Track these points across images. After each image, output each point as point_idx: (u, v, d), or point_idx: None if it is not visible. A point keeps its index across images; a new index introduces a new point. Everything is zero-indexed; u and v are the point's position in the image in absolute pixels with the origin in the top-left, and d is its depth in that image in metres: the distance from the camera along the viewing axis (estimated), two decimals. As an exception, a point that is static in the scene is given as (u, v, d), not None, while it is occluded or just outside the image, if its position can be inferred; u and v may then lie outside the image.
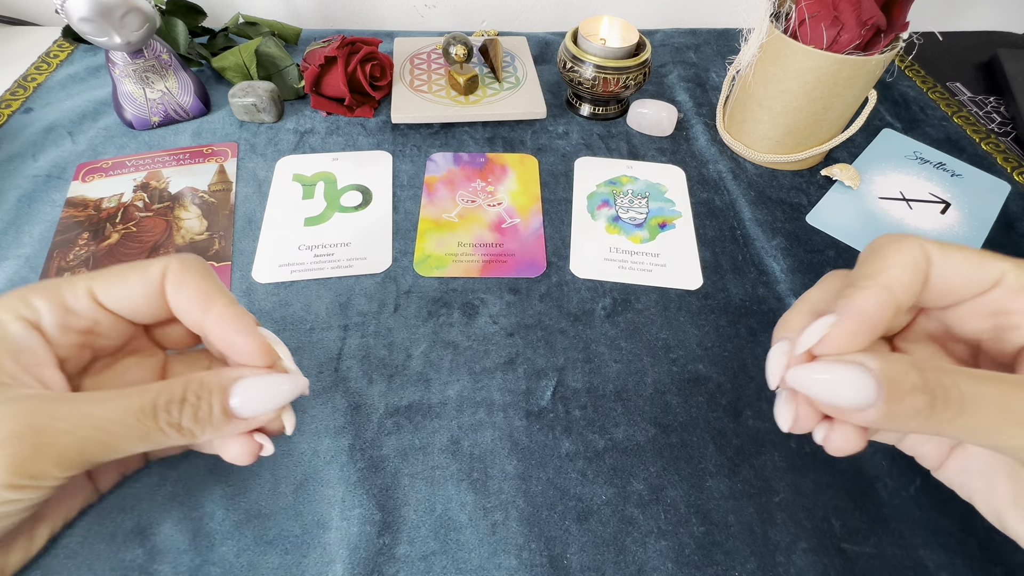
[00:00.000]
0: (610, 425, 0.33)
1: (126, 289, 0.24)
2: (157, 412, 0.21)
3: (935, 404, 0.19)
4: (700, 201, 0.46)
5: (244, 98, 0.48)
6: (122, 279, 0.24)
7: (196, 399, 0.22)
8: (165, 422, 0.21)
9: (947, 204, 0.47)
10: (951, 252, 0.22)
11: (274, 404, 0.23)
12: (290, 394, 0.24)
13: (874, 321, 0.21)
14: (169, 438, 0.22)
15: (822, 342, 0.21)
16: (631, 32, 0.49)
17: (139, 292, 0.24)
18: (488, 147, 0.50)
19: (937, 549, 0.29)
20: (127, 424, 0.21)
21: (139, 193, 0.43)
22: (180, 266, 0.24)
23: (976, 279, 0.22)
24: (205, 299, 0.24)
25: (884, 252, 0.22)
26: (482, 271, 0.40)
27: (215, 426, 0.22)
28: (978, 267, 0.22)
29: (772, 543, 0.29)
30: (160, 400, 0.21)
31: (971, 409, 0.19)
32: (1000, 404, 0.19)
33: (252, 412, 0.23)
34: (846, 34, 0.40)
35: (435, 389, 0.34)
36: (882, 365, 0.19)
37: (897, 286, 0.21)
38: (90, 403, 0.21)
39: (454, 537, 0.29)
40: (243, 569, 0.27)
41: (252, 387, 0.23)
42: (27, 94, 0.50)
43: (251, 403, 0.23)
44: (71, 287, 0.24)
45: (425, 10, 0.67)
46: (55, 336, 0.23)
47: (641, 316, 0.38)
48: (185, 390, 0.22)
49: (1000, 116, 0.57)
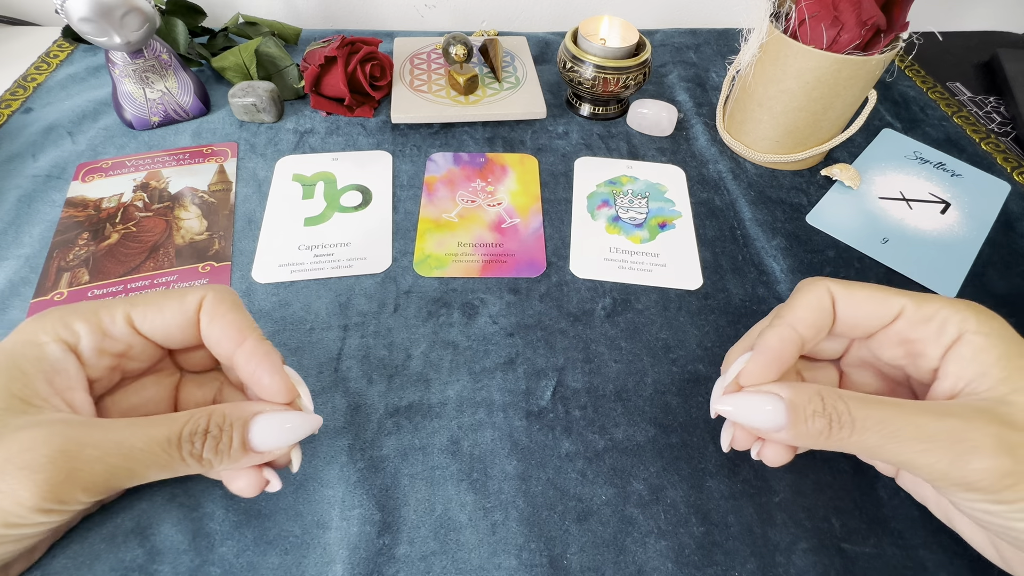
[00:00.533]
0: (610, 425, 0.33)
1: (163, 317, 0.25)
2: (181, 443, 0.22)
3: (832, 426, 0.22)
4: (700, 201, 0.46)
5: (244, 98, 0.48)
6: (159, 307, 0.25)
7: (218, 431, 0.23)
8: (188, 453, 0.22)
9: (947, 204, 0.47)
10: (855, 291, 0.25)
11: (289, 440, 0.24)
12: (305, 432, 0.25)
13: (779, 355, 0.25)
14: (189, 468, 0.23)
15: (741, 375, 0.25)
16: (631, 32, 0.49)
17: (175, 321, 0.25)
18: (488, 147, 0.50)
19: (937, 549, 0.29)
20: (153, 453, 0.22)
21: (139, 193, 0.43)
22: (216, 299, 0.25)
23: (878, 314, 0.25)
24: (238, 334, 0.25)
25: (796, 295, 0.26)
26: (482, 271, 0.40)
27: (233, 459, 0.23)
28: (879, 303, 0.25)
29: (772, 543, 0.29)
30: (185, 431, 0.22)
31: (860, 430, 0.22)
32: (882, 426, 0.22)
33: (269, 447, 0.24)
34: (846, 34, 0.40)
35: (435, 389, 0.34)
36: (790, 394, 0.23)
37: (800, 325, 0.25)
38: (119, 431, 0.22)
39: (454, 537, 0.29)
40: (243, 569, 0.27)
41: (271, 423, 0.24)
42: (27, 94, 0.50)
43: (268, 438, 0.24)
44: (110, 312, 0.25)
45: (425, 10, 0.67)
46: (90, 359, 0.24)
47: (641, 316, 0.38)
48: (208, 422, 0.23)
49: (1000, 116, 0.57)
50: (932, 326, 0.24)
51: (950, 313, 0.24)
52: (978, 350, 0.23)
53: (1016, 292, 0.41)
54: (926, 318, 0.25)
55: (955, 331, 0.24)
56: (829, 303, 0.26)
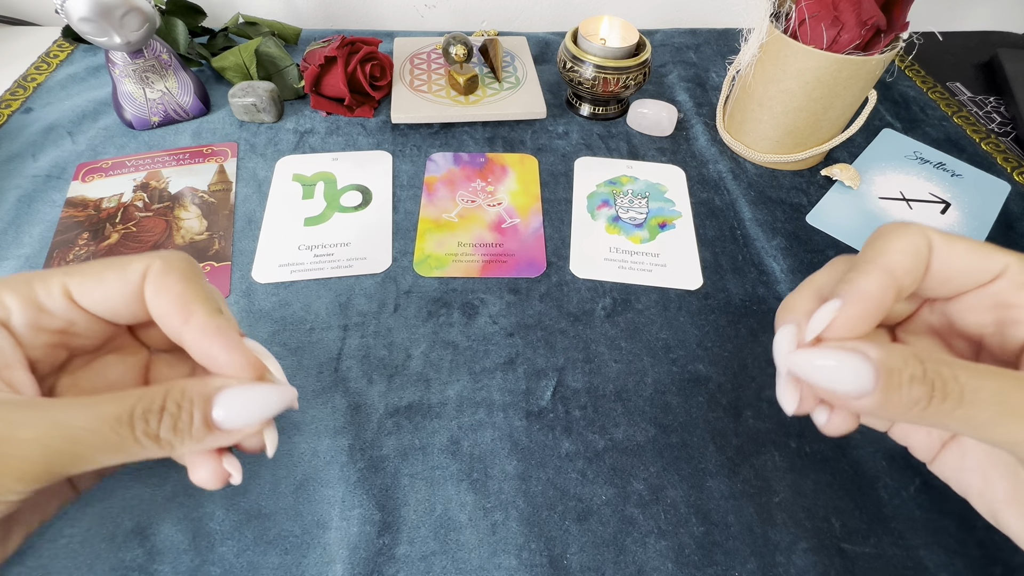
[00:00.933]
0: (610, 425, 0.33)
1: (104, 289, 0.22)
2: (134, 421, 0.19)
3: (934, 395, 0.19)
4: (700, 201, 0.46)
5: (244, 98, 0.48)
6: (100, 277, 0.22)
7: (176, 408, 0.20)
8: (142, 432, 0.20)
9: (947, 204, 0.47)
10: (955, 241, 0.22)
11: (260, 417, 0.22)
12: (277, 406, 0.22)
13: (877, 303, 0.21)
14: (146, 450, 0.20)
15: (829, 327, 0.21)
16: (631, 32, 0.49)
17: (117, 293, 0.22)
18: (488, 147, 0.50)
19: (937, 549, 0.29)
20: (100, 433, 0.19)
21: (139, 193, 0.43)
22: (162, 268, 0.22)
23: (978, 270, 0.22)
24: (184, 308, 0.22)
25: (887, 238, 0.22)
26: (482, 271, 0.40)
27: (195, 438, 0.21)
28: (982, 258, 0.22)
29: (772, 543, 0.29)
30: (138, 409, 0.20)
31: (970, 402, 0.19)
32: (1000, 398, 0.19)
33: (236, 424, 0.21)
34: (846, 34, 0.40)
35: (435, 389, 0.34)
36: (881, 354, 0.19)
37: (899, 269, 0.21)
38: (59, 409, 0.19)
39: (454, 537, 0.29)
40: (243, 569, 0.27)
41: (237, 398, 0.21)
42: (27, 94, 0.50)
43: (235, 415, 0.21)
44: (44, 283, 0.21)
45: (425, 10, 0.67)
46: (26, 336, 0.21)
47: (641, 316, 0.38)
48: (165, 398, 0.20)
49: (1000, 116, 0.57)
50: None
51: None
52: None
53: (1016, 292, 0.41)
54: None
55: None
56: (927, 251, 0.22)
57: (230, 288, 0.38)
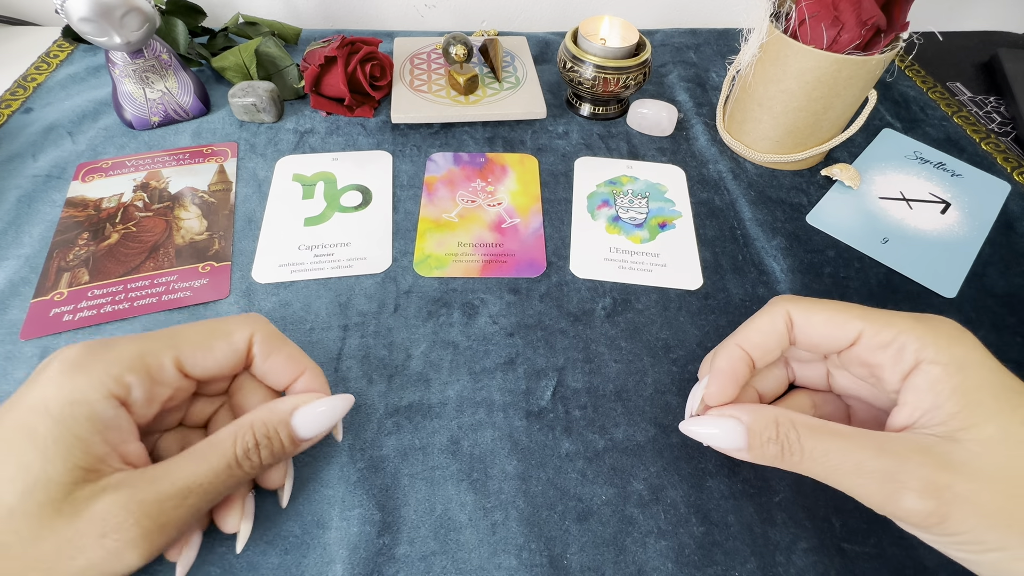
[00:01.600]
0: (610, 425, 0.33)
1: (213, 358, 0.26)
2: (241, 462, 0.24)
3: (783, 453, 0.24)
4: (700, 201, 0.46)
5: (244, 98, 0.48)
6: (208, 347, 0.26)
7: (267, 440, 0.25)
8: (250, 467, 0.24)
9: (947, 204, 0.47)
10: (814, 314, 0.26)
11: (331, 422, 0.27)
12: (342, 411, 0.27)
13: (731, 377, 0.27)
14: (250, 476, 0.25)
15: (705, 396, 0.27)
16: (631, 32, 0.49)
17: (225, 361, 0.26)
18: (488, 147, 0.50)
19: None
20: (220, 480, 0.23)
21: (139, 193, 0.43)
22: (266, 335, 0.27)
23: (835, 337, 0.26)
24: (297, 367, 0.27)
25: (756, 316, 0.28)
26: (482, 271, 0.40)
27: (288, 453, 0.26)
28: (836, 327, 0.26)
29: (772, 543, 0.29)
30: (239, 452, 0.24)
31: (808, 459, 0.24)
32: (827, 457, 0.23)
33: (314, 433, 0.26)
34: (846, 34, 0.40)
35: (435, 389, 0.34)
36: (750, 419, 0.25)
37: (748, 345, 0.27)
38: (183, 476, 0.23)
39: (454, 537, 0.29)
40: (243, 569, 0.27)
41: (309, 414, 0.26)
42: (27, 94, 0.50)
43: (313, 426, 0.26)
44: (157, 358, 0.24)
45: (425, 10, 0.67)
46: (140, 409, 0.24)
47: (641, 316, 0.38)
48: (255, 435, 0.24)
49: (1000, 116, 0.57)
50: (890, 352, 0.24)
51: (909, 339, 0.24)
52: (934, 381, 0.23)
53: (1016, 292, 0.41)
54: (884, 344, 0.24)
55: (912, 359, 0.24)
56: (783, 326, 0.27)
57: (230, 288, 0.38)
